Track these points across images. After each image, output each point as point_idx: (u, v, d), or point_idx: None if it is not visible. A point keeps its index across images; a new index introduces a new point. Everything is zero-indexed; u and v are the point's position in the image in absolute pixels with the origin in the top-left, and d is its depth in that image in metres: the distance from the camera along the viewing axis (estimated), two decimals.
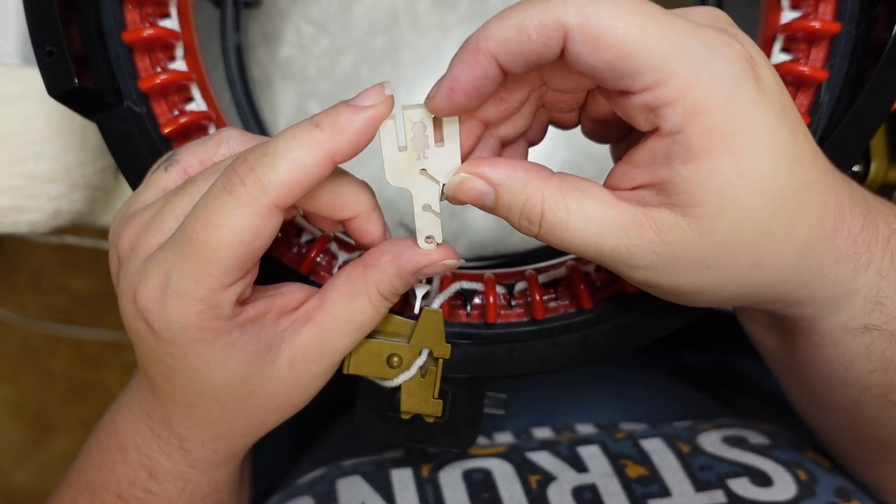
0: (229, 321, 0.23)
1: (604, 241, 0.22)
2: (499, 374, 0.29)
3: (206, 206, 0.22)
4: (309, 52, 0.48)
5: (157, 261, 0.23)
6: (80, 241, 0.62)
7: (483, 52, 0.20)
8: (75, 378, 1.16)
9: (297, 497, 0.32)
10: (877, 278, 0.24)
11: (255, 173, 0.21)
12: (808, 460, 0.32)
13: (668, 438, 0.33)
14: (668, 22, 0.19)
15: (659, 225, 0.22)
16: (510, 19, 0.20)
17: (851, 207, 0.23)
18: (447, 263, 0.25)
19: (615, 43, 0.19)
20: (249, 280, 0.24)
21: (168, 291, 0.22)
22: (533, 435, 0.36)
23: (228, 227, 0.21)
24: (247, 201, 0.21)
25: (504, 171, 0.23)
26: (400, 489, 0.32)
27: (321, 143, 0.21)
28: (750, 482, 0.30)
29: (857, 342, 0.25)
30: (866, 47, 0.28)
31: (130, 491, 0.29)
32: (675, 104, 0.20)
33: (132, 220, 0.25)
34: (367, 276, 0.25)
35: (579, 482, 0.31)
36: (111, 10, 0.29)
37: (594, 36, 0.19)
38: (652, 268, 0.22)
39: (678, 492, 0.30)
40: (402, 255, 0.24)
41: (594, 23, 0.19)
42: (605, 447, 0.33)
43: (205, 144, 0.26)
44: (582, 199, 0.22)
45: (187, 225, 0.22)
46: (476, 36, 0.20)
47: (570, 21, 0.19)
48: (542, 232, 0.23)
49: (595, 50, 0.19)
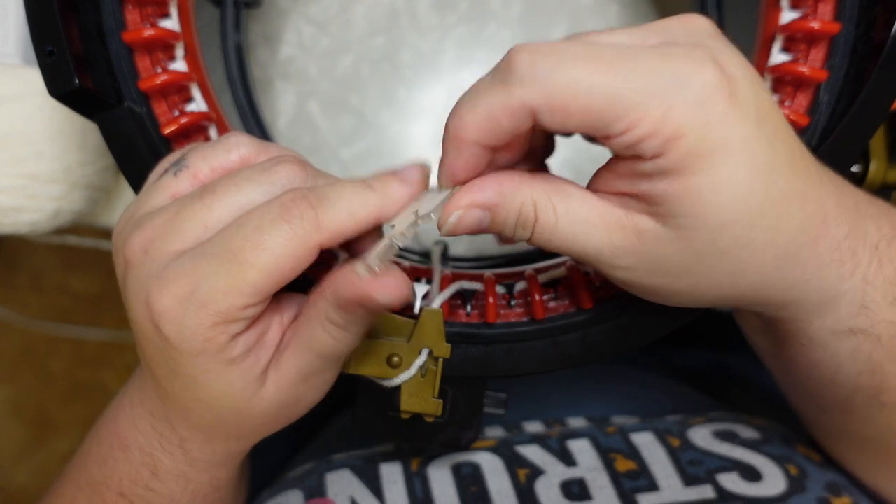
0: (236, 338, 0.24)
1: (588, 241, 0.23)
2: (499, 374, 0.29)
3: (259, 229, 0.22)
4: (309, 52, 0.48)
5: (185, 269, 0.23)
6: (80, 241, 0.62)
7: (464, 140, 0.22)
8: (75, 378, 1.16)
9: (287, 490, 0.33)
10: (863, 283, 0.24)
11: (314, 211, 0.23)
12: (799, 455, 0.32)
13: (659, 432, 0.33)
14: (628, 68, 0.20)
15: (639, 229, 0.22)
16: (479, 107, 0.21)
17: (837, 215, 0.23)
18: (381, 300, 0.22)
19: (582, 108, 0.20)
20: (266, 304, 0.24)
21: (192, 299, 0.23)
22: (524, 429, 0.36)
23: (276, 254, 0.22)
24: (301, 234, 0.22)
25: (492, 190, 0.23)
26: (388, 483, 0.32)
27: (373, 202, 0.24)
28: (739, 477, 0.30)
29: (844, 345, 0.25)
30: (866, 47, 0.28)
31: (132, 489, 0.29)
32: (653, 137, 0.20)
33: (143, 224, 0.25)
34: (318, 305, 0.24)
35: (568, 476, 0.31)
36: (111, 10, 0.29)
37: (560, 109, 0.20)
38: (632, 269, 0.23)
39: (667, 486, 0.30)
40: (337, 283, 0.23)
41: (557, 97, 0.20)
42: (595, 441, 0.33)
43: (215, 150, 0.26)
44: (566, 200, 0.23)
45: (233, 242, 0.22)
46: (453, 124, 0.22)
47: (533, 101, 0.20)
48: (534, 235, 0.23)
49: (566, 118, 0.20)
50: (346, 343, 0.25)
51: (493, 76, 0.21)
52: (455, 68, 0.48)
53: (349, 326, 0.24)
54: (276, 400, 0.26)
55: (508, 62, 0.21)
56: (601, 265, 0.23)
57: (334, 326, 0.24)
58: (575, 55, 0.20)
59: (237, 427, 0.27)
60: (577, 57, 0.20)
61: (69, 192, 0.41)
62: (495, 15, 0.48)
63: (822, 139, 0.29)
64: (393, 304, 0.23)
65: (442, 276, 0.30)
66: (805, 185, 0.22)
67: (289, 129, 0.48)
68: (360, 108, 0.48)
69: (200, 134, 0.31)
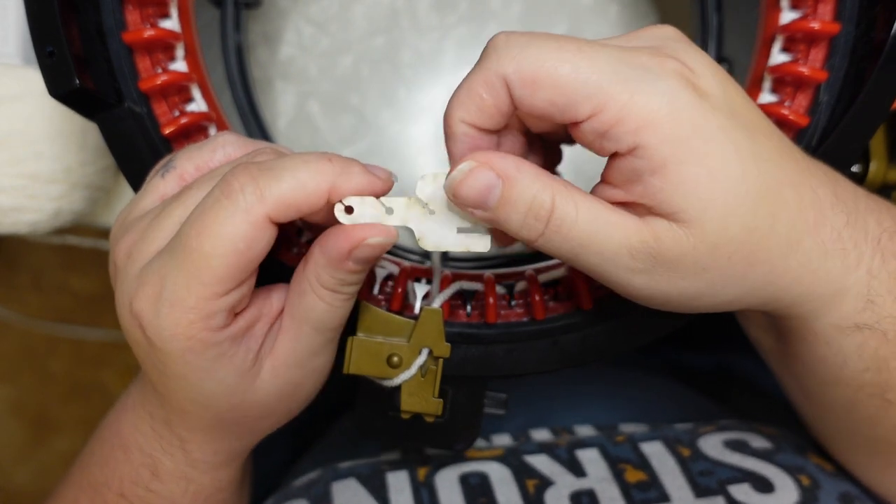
0: (220, 332, 0.24)
1: (609, 241, 0.22)
2: (499, 374, 0.29)
3: (201, 212, 0.22)
4: (309, 52, 0.48)
5: (153, 268, 0.23)
6: (80, 241, 0.62)
7: (453, 125, 0.23)
8: (75, 378, 1.16)
9: (293, 499, 0.32)
10: (867, 277, 0.24)
11: (255, 182, 0.22)
12: (812, 465, 0.31)
13: (669, 442, 0.33)
14: (595, 53, 0.21)
15: (655, 231, 0.22)
16: (461, 88, 0.23)
17: (833, 203, 0.24)
18: (373, 242, 0.23)
19: (549, 81, 0.21)
20: (244, 291, 0.24)
21: (161, 299, 0.23)
22: (531, 437, 0.36)
23: (222, 235, 0.22)
24: (243, 208, 0.22)
25: (513, 163, 0.23)
26: (395, 492, 0.31)
27: (327, 175, 0.23)
28: (751, 488, 0.30)
29: (850, 341, 0.25)
30: (866, 47, 0.28)
31: (133, 490, 0.29)
32: (621, 123, 0.21)
33: (130, 228, 0.25)
34: (307, 271, 0.24)
35: (577, 487, 0.31)
36: (111, 10, 0.29)
37: (529, 79, 0.21)
38: (651, 272, 0.23)
39: (677, 497, 0.30)
40: (326, 241, 0.23)
41: (526, 67, 0.21)
42: (605, 451, 0.33)
43: (201, 150, 0.26)
44: (589, 198, 0.23)
45: (182, 232, 0.22)
46: (444, 113, 0.23)
47: (506, 70, 0.21)
48: (548, 230, 0.22)
49: (534, 91, 0.21)
50: (339, 307, 0.25)
51: (477, 62, 0.23)
52: (455, 68, 0.48)
53: (341, 287, 0.24)
54: (273, 389, 0.26)
55: (488, 44, 0.22)
56: (618, 269, 0.23)
57: (326, 290, 0.24)
58: (547, 38, 0.22)
59: (236, 424, 0.27)
60: (549, 39, 0.22)
61: (69, 192, 0.41)
62: (495, 15, 0.48)
63: (822, 139, 0.29)
64: (383, 244, 0.23)
65: (442, 276, 0.30)
66: (795, 174, 0.23)
67: (289, 129, 0.48)
68: (360, 108, 0.48)
69: (200, 134, 0.31)
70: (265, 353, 0.26)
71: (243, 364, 0.25)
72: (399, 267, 0.31)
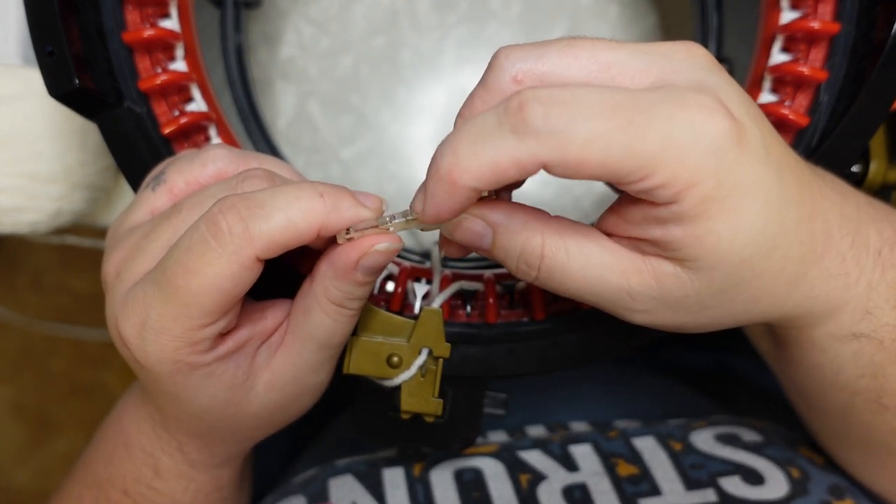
0: (207, 354, 0.24)
1: (604, 285, 0.22)
2: (499, 374, 0.29)
3: (188, 250, 0.22)
4: (309, 53, 0.48)
5: (137, 296, 0.23)
6: (80, 241, 0.62)
7: (460, 185, 0.20)
8: (76, 378, 1.16)
9: (291, 496, 0.33)
10: (867, 290, 0.24)
11: (244, 223, 0.21)
12: (802, 458, 0.32)
13: (661, 437, 0.33)
14: (646, 122, 0.19)
15: (658, 274, 0.22)
16: (483, 155, 0.19)
17: (840, 226, 0.24)
18: (380, 248, 0.23)
19: (597, 165, 0.19)
20: (230, 318, 0.23)
21: (146, 328, 0.23)
22: (527, 433, 0.36)
23: (208, 275, 0.21)
24: (230, 250, 0.21)
25: (503, 211, 0.23)
26: (391, 488, 0.32)
27: (318, 213, 0.22)
28: (742, 480, 0.30)
29: (846, 349, 0.25)
30: (866, 47, 0.28)
31: (136, 488, 0.30)
32: (666, 186, 0.19)
33: (120, 243, 0.25)
34: (314, 287, 0.24)
35: (570, 481, 0.31)
36: (111, 10, 0.29)
37: (573, 166, 0.19)
38: (653, 311, 0.23)
39: (669, 490, 0.30)
40: (332, 255, 0.23)
41: (573, 156, 0.19)
42: (597, 446, 0.33)
43: (192, 164, 0.26)
44: (582, 242, 0.22)
45: (168, 266, 0.22)
46: (449, 167, 0.20)
47: (546, 159, 0.19)
48: (540, 276, 0.23)
49: (578, 173, 0.19)
50: (344, 324, 0.25)
51: (500, 122, 0.19)
52: (455, 68, 0.48)
53: (348, 301, 0.24)
54: (268, 402, 0.26)
55: (521, 111, 0.19)
56: (618, 309, 0.23)
57: (333, 305, 0.24)
58: (591, 106, 0.19)
59: (231, 432, 0.28)
60: (594, 108, 0.19)
61: (69, 192, 0.41)
62: (495, 15, 0.48)
63: (822, 139, 0.29)
64: (391, 249, 0.23)
65: (442, 276, 0.30)
66: (811, 206, 0.23)
67: (289, 129, 0.48)
68: (360, 108, 0.48)
69: (200, 134, 0.31)
70: (259, 366, 0.26)
71: (234, 380, 0.25)
72: (399, 267, 0.31)
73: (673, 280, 0.22)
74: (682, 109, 0.19)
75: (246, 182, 0.24)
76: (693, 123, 0.19)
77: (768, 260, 0.22)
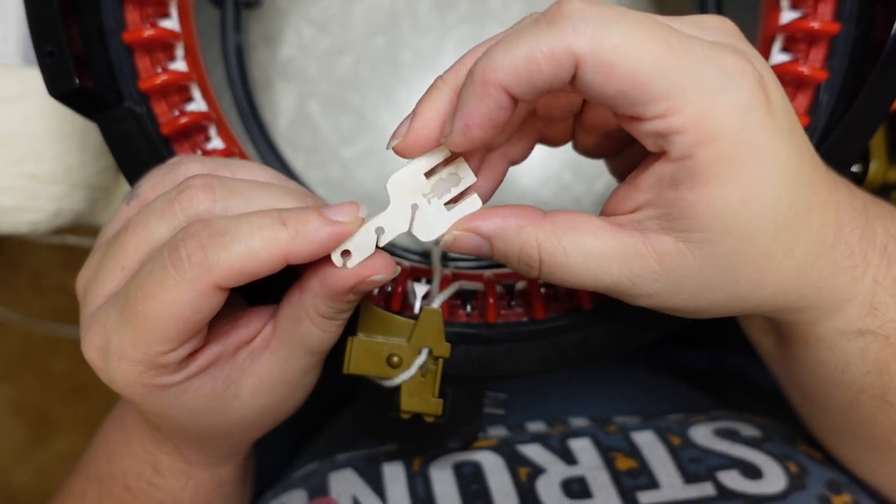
0: (175, 374, 0.23)
1: (605, 275, 0.22)
2: (499, 374, 0.29)
3: (149, 274, 0.21)
4: (309, 53, 0.48)
5: (99, 319, 0.23)
6: (80, 241, 0.62)
7: (493, 83, 0.19)
8: (76, 378, 1.16)
9: (291, 490, 0.33)
10: (872, 285, 0.24)
11: (203, 252, 0.21)
12: (800, 453, 0.32)
13: (660, 431, 0.33)
14: (684, 48, 0.19)
15: (660, 253, 0.22)
16: (518, 49, 0.19)
17: (850, 218, 0.23)
18: (376, 279, 0.23)
19: (629, 72, 0.18)
20: (197, 340, 0.23)
21: (108, 353, 0.23)
22: (526, 428, 0.36)
23: (167, 302, 0.21)
24: (189, 278, 0.21)
25: (494, 221, 0.23)
26: (390, 482, 0.32)
27: (281, 243, 0.21)
28: (740, 474, 0.30)
29: (852, 345, 0.25)
30: (866, 47, 0.28)
31: (137, 483, 0.30)
32: (687, 132, 0.19)
33: (90, 259, 0.25)
34: (304, 300, 0.24)
35: (568, 474, 0.31)
36: (111, 10, 0.29)
37: (607, 65, 0.18)
38: (655, 295, 0.23)
39: (667, 484, 0.30)
40: (327, 276, 0.23)
41: (608, 51, 0.18)
42: (596, 440, 0.33)
43: (164, 179, 0.25)
44: (577, 238, 0.22)
45: (129, 291, 0.22)
46: (483, 67, 0.19)
47: (581, 50, 0.18)
48: (542, 275, 0.23)
49: (608, 79, 0.19)
50: (333, 334, 0.25)
51: (536, 20, 0.19)
52: None
53: (338, 314, 0.24)
54: (256, 406, 0.26)
55: (559, 7, 0.19)
56: (621, 295, 0.23)
57: (323, 319, 0.24)
58: (635, 16, 0.19)
59: (222, 436, 0.28)
60: (637, 17, 0.19)
61: (69, 192, 0.41)
62: (495, 15, 0.48)
63: (822, 139, 0.29)
64: (387, 278, 0.23)
65: (442, 276, 0.30)
66: (824, 192, 0.22)
67: (289, 129, 0.48)
68: (360, 108, 0.48)
69: (200, 134, 0.31)
70: (242, 372, 0.25)
71: (213, 391, 0.25)
72: (399, 267, 0.31)
73: (675, 258, 0.21)
74: (720, 56, 0.19)
75: (182, 194, 0.23)
76: (727, 72, 0.19)
77: (776, 240, 0.21)
